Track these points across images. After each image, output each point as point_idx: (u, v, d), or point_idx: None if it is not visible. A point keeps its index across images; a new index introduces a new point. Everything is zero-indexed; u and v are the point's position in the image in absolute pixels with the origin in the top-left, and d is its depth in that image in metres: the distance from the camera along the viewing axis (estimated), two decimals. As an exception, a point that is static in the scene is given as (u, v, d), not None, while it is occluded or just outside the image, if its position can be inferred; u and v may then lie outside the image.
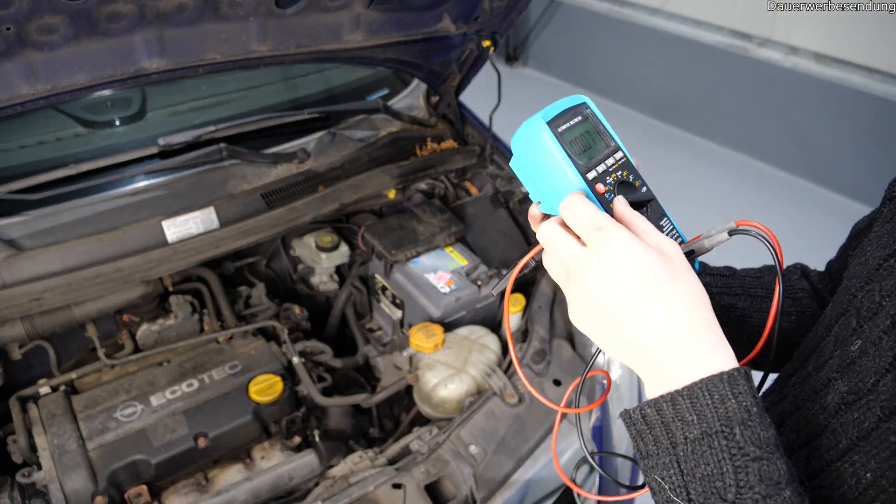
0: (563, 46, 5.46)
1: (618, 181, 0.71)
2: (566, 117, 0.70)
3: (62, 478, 1.32)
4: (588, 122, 0.72)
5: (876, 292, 0.64)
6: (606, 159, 0.71)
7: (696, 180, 4.33)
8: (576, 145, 0.69)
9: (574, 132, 0.70)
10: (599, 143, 0.72)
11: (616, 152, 0.72)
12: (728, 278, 0.92)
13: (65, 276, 1.49)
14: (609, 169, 0.71)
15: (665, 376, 0.57)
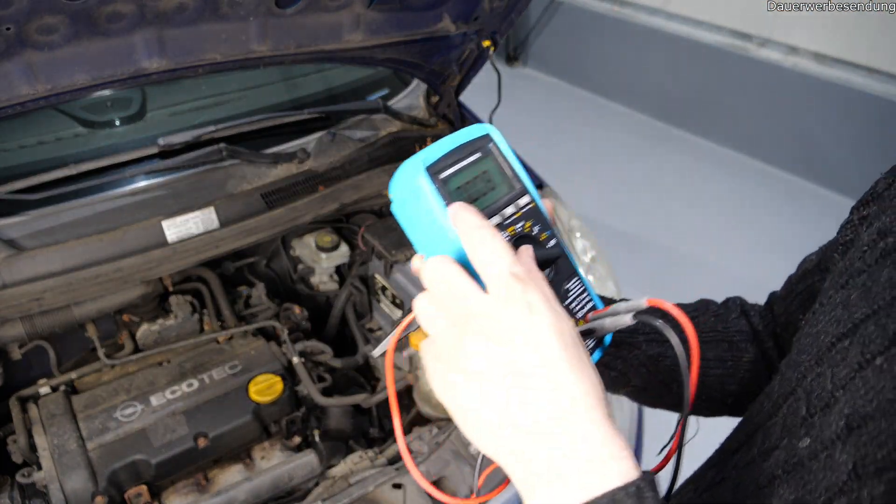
0: (563, 46, 5.46)
1: (516, 235, 0.59)
2: (455, 157, 0.58)
3: (62, 478, 1.32)
4: (488, 160, 0.61)
5: (828, 379, 0.54)
6: (506, 207, 0.60)
7: (695, 180, 4.33)
8: (465, 192, 0.58)
9: (465, 175, 0.58)
10: (501, 187, 0.60)
11: (521, 197, 0.61)
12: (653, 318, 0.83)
13: (65, 276, 1.49)
14: (507, 220, 0.59)
15: (556, 482, 0.44)
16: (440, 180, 0.56)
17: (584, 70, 5.37)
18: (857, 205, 0.69)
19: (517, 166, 0.63)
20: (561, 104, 5.25)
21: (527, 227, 0.60)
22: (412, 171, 0.57)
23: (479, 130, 0.62)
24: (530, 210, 0.61)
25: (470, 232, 0.51)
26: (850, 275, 0.59)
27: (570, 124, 4.96)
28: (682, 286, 3.34)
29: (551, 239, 0.62)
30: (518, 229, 0.60)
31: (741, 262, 3.51)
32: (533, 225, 0.61)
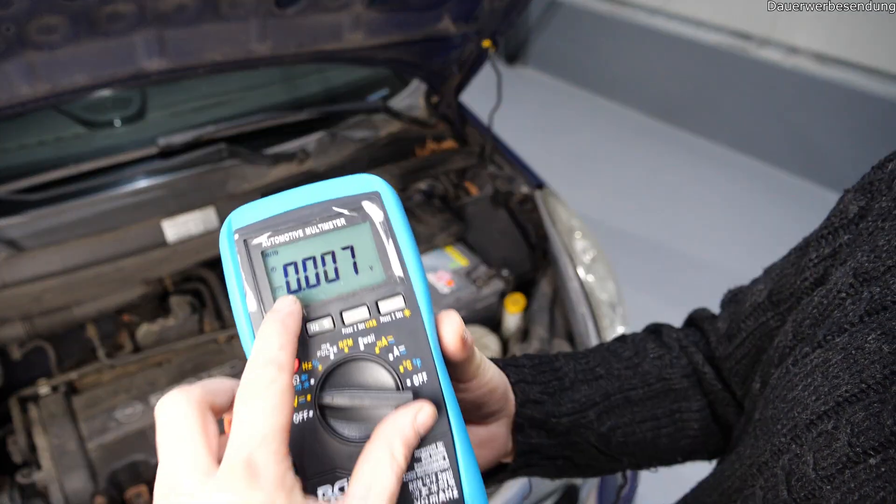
0: (563, 46, 5.46)
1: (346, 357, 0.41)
2: (300, 220, 0.42)
3: (62, 478, 1.32)
4: (357, 229, 0.43)
5: (809, 466, 0.46)
6: (357, 307, 0.42)
7: (695, 180, 4.33)
8: (301, 273, 0.42)
9: (304, 248, 0.42)
10: (365, 274, 0.43)
11: (392, 296, 0.42)
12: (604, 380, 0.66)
13: (65, 276, 1.49)
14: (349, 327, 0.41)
15: None
16: (258, 250, 0.42)
17: (584, 70, 5.37)
18: (824, 231, 0.58)
19: (406, 248, 0.43)
20: (561, 104, 5.25)
21: (379, 345, 0.41)
22: (223, 229, 0.43)
23: (362, 185, 0.44)
24: (398, 321, 0.42)
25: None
26: (828, 330, 0.50)
27: (570, 124, 4.96)
28: (682, 286, 3.34)
29: (418, 373, 0.41)
30: (362, 345, 0.41)
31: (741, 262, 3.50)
32: (393, 344, 0.42)
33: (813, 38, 4.08)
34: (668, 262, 3.57)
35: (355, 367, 0.42)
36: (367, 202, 0.44)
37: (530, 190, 1.93)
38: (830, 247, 0.57)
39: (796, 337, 0.54)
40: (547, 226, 1.86)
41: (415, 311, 0.43)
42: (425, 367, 0.42)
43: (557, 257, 1.81)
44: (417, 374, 0.42)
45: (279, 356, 0.38)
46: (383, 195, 0.44)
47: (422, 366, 0.42)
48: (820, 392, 0.48)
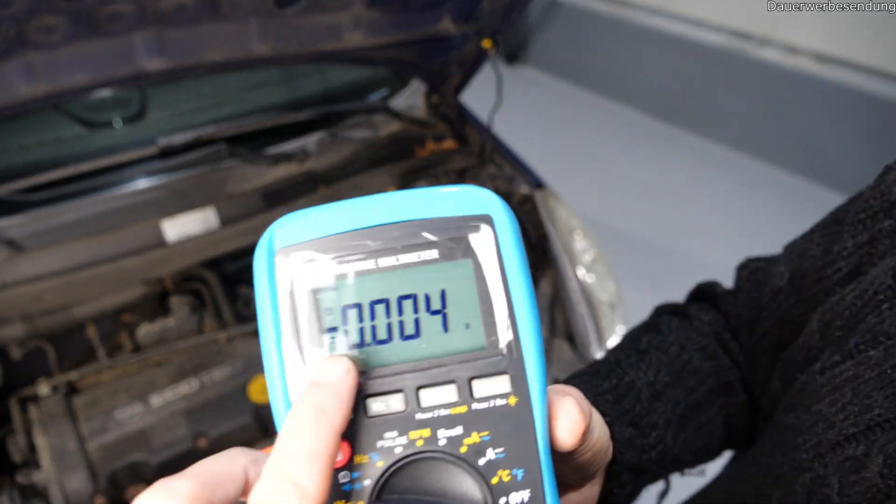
0: (563, 46, 5.46)
1: (427, 452, 0.30)
2: (374, 244, 0.30)
3: (62, 478, 1.32)
4: (457, 268, 0.31)
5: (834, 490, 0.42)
6: (444, 384, 0.30)
7: (695, 180, 4.33)
8: (367, 321, 0.30)
9: (377, 286, 0.30)
10: (460, 333, 0.31)
11: (497, 373, 0.30)
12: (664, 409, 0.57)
13: (65, 276, 1.49)
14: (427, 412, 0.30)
15: None
16: (310, 282, 0.30)
17: (585, 70, 5.37)
18: (861, 216, 0.49)
19: (522, 301, 0.31)
20: (561, 104, 5.25)
21: (467, 442, 0.30)
22: (260, 244, 0.31)
23: (471, 203, 0.31)
24: (499, 410, 0.30)
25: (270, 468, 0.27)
26: (861, 339, 0.44)
27: (571, 124, 4.96)
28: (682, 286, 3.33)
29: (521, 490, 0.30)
30: (442, 441, 0.30)
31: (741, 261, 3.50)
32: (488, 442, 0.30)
33: (813, 38, 4.08)
34: (668, 262, 3.57)
35: (429, 468, 0.30)
36: (475, 229, 0.31)
37: (530, 190, 1.93)
38: (868, 233, 0.48)
39: (824, 339, 0.48)
40: (547, 226, 1.86)
41: (524, 400, 0.30)
42: (529, 481, 0.30)
43: (557, 257, 1.81)
44: (518, 490, 0.30)
45: (303, 475, 0.26)
46: (497, 221, 0.31)
47: (524, 479, 0.30)
48: (849, 411, 0.42)
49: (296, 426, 0.27)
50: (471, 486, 0.30)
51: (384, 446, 0.30)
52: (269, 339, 0.30)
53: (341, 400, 0.28)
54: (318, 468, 0.27)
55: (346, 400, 0.28)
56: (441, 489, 0.30)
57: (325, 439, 0.27)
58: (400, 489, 0.29)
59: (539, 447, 0.30)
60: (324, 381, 0.28)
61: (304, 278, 0.30)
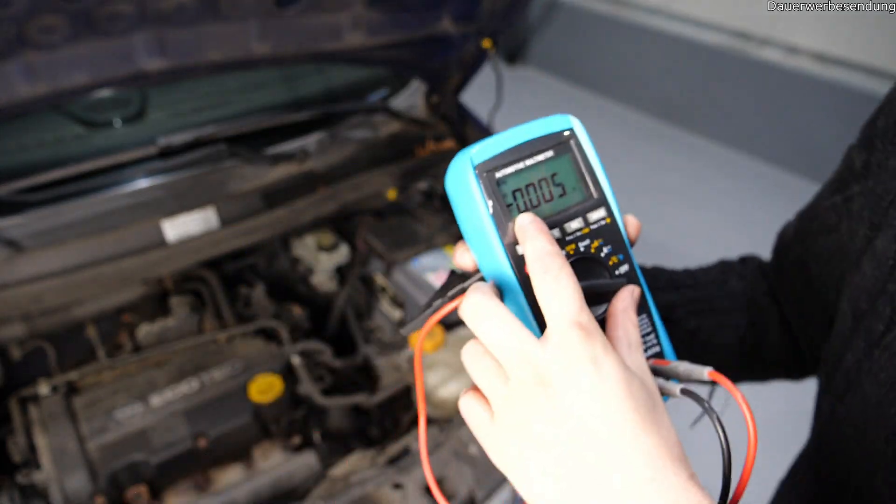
0: (564, 46, 5.46)
1: (576, 255, 0.52)
2: (521, 154, 0.51)
3: (62, 478, 1.32)
4: (562, 160, 0.53)
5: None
6: (572, 220, 0.52)
7: (695, 180, 4.33)
8: (524, 197, 0.51)
9: (527, 176, 0.52)
10: (571, 195, 0.53)
11: (594, 210, 0.53)
12: (692, 290, 0.78)
13: (65, 276, 1.49)
14: (569, 236, 0.52)
15: None
16: (493, 180, 0.50)
17: (584, 70, 5.37)
18: (836, 185, 0.69)
19: (599, 171, 0.54)
20: (561, 104, 5.25)
21: (593, 246, 0.52)
22: (461, 165, 0.51)
23: (559, 123, 0.53)
24: (603, 227, 0.53)
25: (539, 260, 0.47)
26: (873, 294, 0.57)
27: (570, 124, 4.96)
28: (682, 286, 3.34)
29: (622, 265, 0.53)
30: (582, 248, 0.52)
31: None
32: (603, 244, 0.53)
33: (813, 38, 4.08)
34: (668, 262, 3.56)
35: (580, 265, 0.51)
36: (569, 136, 0.53)
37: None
38: (843, 195, 0.67)
39: (855, 315, 0.60)
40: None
41: (613, 218, 0.54)
42: (626, 260, 0.54)
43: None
44: (622, 266, 0.54)
45: (557, 249, 0.47)
46: (576, 131, 0.54)
47: (623, 259, 0.54)
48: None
49: (538, 236, 0.48)
50: (601, 269, 0.53)
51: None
52: (482, 212, 0.50)
53: (545, 230, 0.49)
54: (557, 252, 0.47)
55: (547, 230, 0.49)
56: (589, 275, 0.52)
57: (552, 242, 0.48)
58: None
59: (625, 241, 0.54)
60: (533, 221, 0.49)
61: (491, 178, 0.51)
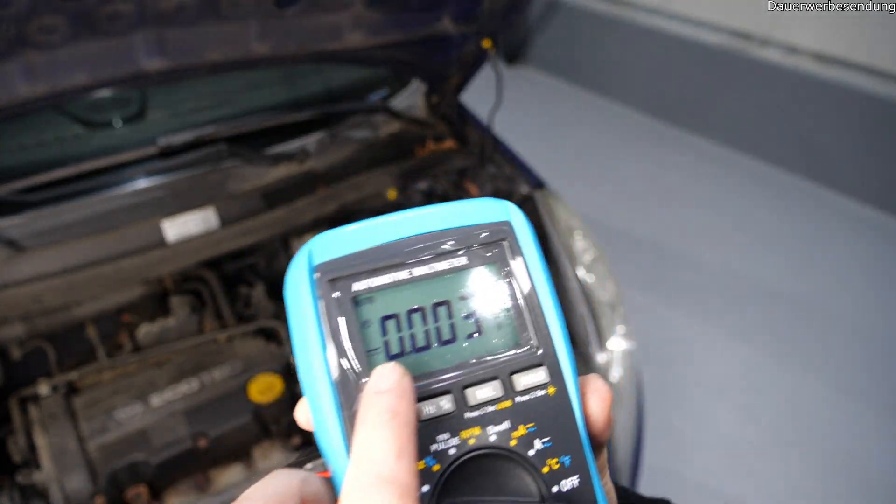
0: (564, 46, 5.46)
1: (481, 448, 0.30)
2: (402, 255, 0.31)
3: (62, 478, 1.32)
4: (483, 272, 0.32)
5: None
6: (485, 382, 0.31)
7: (695, 180, 4.33)
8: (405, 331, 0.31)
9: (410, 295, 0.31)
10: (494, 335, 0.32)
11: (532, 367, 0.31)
12: None
13: (65, 276, 1.49)
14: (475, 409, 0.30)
15: None
16: (346, 297, 0.31)
17: (585, 70, 5.37)
18: None
19: (547, 300, 0.33)
20: (561, 104, 5.25)
21: (515, 435, 0.30)
22: (295, 264, 0.32)
23: (489, 211, 0.33)
24: (539, 402, 0.31)
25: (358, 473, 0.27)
26: None
27: (571, 124, 4.96)
28: (682, 286, 3.34)
29: (569, 476, 0.31)
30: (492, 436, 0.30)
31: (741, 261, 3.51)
32: (534, 434, 0.31)
33: (813, 38, 4.08)
34: (668, 262, 3.57)
35: (483, 466, 0.30)
36: (498, 235, 0.33)
37: (530, 190, 1.93)
38: None
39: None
40: (547, 226, 1.86)
41: (560, 388, 0.32)
42: (577, 466, 0.31)
43: (557, 257, 1.81)
44: (568, 477, 0.30)
45: (397, 472, 0.27)
46: (516, 227, 0.33)
47: (571, 465, 0.31)
48: None
49: (374, 431, 0.27)
50: (523, 478, 0.30)
51: (438, 449, 0.30)
52: (313, 358, 0.30)
53: (409, 400, 0.28)
54: (409, 463, 0.27)
55: (413, 400, 0.28)
56: (496, 486, 0.30)
57: (408, 436, 0.27)
58: (457, 490, 0.30)
59: (580, 433, 0.32)
60: (385, 387, 0.28)
61: (341, 292, 0.31)
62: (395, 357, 0.31)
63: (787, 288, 3.24)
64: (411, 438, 0.27)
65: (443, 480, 0.29)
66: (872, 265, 3.48)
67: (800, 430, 2.68)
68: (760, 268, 3.39)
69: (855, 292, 3.29)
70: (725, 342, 3.02)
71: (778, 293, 3.22)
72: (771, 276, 3.33)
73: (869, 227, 3.76)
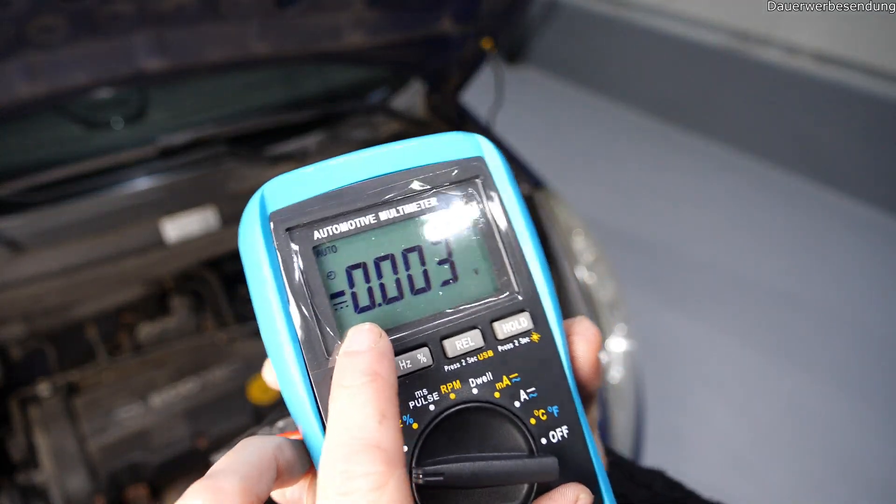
0: (564, 46, 5.46)
1: (465, 402, 0.27)
2: (365, 198, 0.27)
3: (62, 478, 1.32)
4: (456, 213, 0.28)
5: None
6: (464, 331, 0.28)
7: (695, 180, 4.33)
8: (373, 281, 0.28)
9: (377, 242, 0.27)
10: (470, 281, 0.28)
11: (514, 313, 0.29)
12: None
13: (65, 276, 1.49)
14: (454, 361, 0.28)
15: None
16: (304, 246, 0.27)
17: (585, 70, 5.37)
18: None
19: (526, 238, 0.30)
20: (561, 104, 5.25)
21: (499, 386, 0.28)
22: (249, 216, 0.29)
23: (460, 146, 0.29)
24: (524, 349, 0.28)
25: (338, 374, 0.26)
26: None
27: (571, 124, 4.96)
28: (682, 286, 3.34)
29: (557, 426, 0.28)
30: (475, 388, 0.27)
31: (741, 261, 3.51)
32: (519, 384, 0.28)
33: (813, 38, 4.08)
34: (668, 262, 3.57)
35: (466, 420, 0.27)
36: (470, 172, 0.28)
37: (530, 190, 1.93)
38: None
39: None
40: (547, 226, 1.86)
41: (545, 334, 0.29)
42: (565, 416, 0.28)
43: (557, 257, 1.81)
44: (556, 427, 0.28)
45: (381, 437, 0.24)
46: (489, 162, 0.29)
47: (560, 416, 0.28)
48: None
49: (353, 395, 0.25)
50: (510, 431, 0.27)
51: (417, 406, 0.27)
52: (274, 317, 0.27)
53: (389, 360, 0.26)
54: (392, 427, 0.25)
55: (392, 360, 0.26)
56: (480, 440, 0.27)
57: (388, 398, 0.25)
58: (439, 448, 0.27)
59: (568, 380, 0.29)
60: (362, 348, 0.26)
61: (301, 241, 0.27)
62: (365, 310, 0.27)
63: (788, 288, 3.25)
64: (392, 400, 0.25)
65: (423, 438, 0.27)
66: (872, 265, 3.48)
67: (800, 429, 2.68)
68: (760, 268, 3.39)
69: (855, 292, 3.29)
70: (725, 342, 3.02)
71: (778, 293, 3.23)
72: (771, 276, 3.33)
73: (869, 227, 3.76)
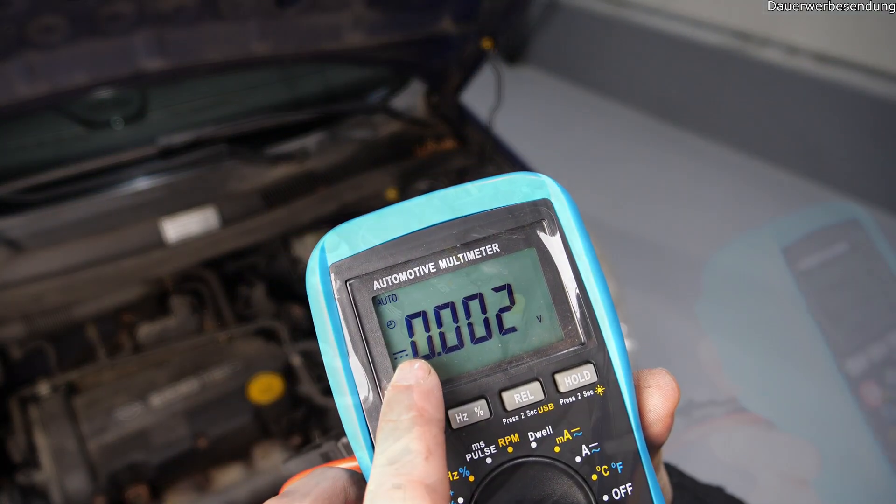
0: (564, 46, 5.46)
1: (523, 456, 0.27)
2: (426, 247, 0.27)
3: (62, 478, 1.32)
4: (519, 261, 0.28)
5: None
6: (524, 383, 0.28)
7: (695, 180, 4.33)
8: (433, 330, 0.28)
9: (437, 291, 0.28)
10: (533, 329, 0.28)
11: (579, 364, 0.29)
12: None
13: (65, 276, 1.49)
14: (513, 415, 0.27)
15: None
16: (363, 297, 0.28)
17: (585, 70, 5.37)
18: None
19: (595, 289, 0.30)
20: (561, 104, 5.25)
21: (562, 439, 0.27)
22: (311, 270, 0.29)
23: (525, 188, 0.28)
24: (588, 402, 0.28)
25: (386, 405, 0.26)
26: None
27: (571, 124, 4.96)
28: (682, 286, 3.34)
29: (621, 483, 0.27)
30: (534, 442, 0.27)
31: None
32: (581, 439, 0.27)
33: (813, 38, 4.08)
34: (668, 262, 3.57)
35: (524, 476, 0.27)
36: (535, 216, 0.28)
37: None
38: None
39: None
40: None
41: (611, 387, 0.28)
42: (630, 473, 0.27)
43: (557, 257, 1.81)
44: (620, 485, 0.27)
45: (427, 474, 0.24)
46: (556, 205, 0.28)
47: (624, 472, 0.27)
48: None
49: (400, 430, 0.25)
50: (570, 487, 0.27)
51: (473, 458, 0.27)
52: (337, 367, 0.28)
53: (436, 397, 0.26)
54: (439, 464, 0.25)
55: (439, 398, 0.26)
56: (539, 496, 0.26)
57: (435, 435, 0.25)
58: (495, 502, 0.27)
59: (635, 434, 0.28)
60: (409, 382, 0.26)
61: (360, 292, 0.28)
62: (425, 360, 0.28)
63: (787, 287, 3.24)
64: (438, 438, 0.26)
65: (479, 491, 0.27)
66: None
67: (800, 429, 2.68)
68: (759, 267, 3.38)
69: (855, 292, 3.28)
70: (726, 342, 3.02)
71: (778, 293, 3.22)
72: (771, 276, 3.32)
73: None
